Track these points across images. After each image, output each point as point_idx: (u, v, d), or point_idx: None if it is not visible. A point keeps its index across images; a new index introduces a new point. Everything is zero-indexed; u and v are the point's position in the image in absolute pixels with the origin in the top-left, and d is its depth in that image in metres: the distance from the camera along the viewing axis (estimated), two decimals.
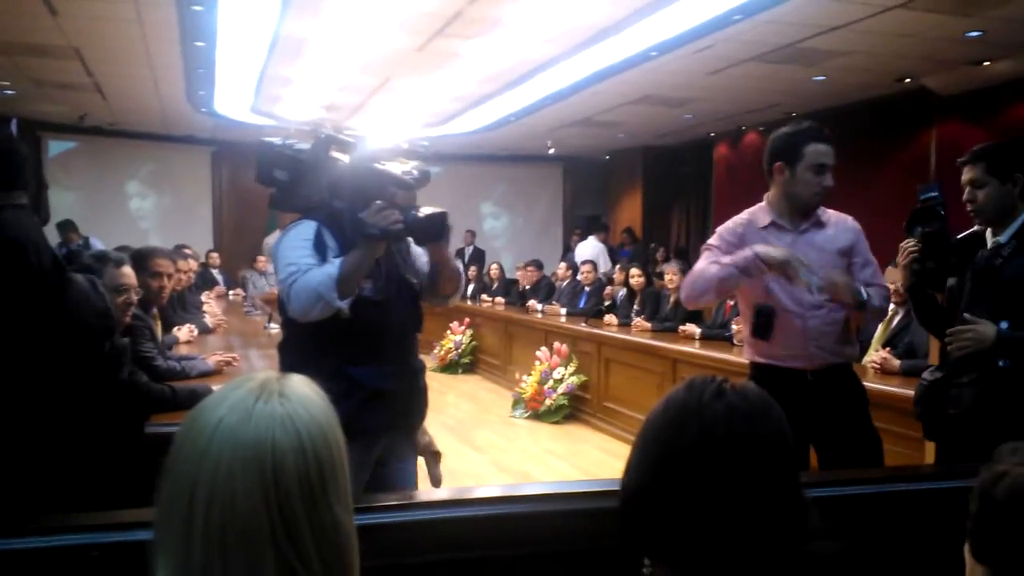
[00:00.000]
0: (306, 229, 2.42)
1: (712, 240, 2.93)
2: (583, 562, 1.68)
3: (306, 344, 2.41)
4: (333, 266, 2.32)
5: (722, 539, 1.00)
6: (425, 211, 2.40)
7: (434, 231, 2.42)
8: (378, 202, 2.33)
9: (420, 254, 2.65)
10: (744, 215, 2.91)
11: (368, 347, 2.42)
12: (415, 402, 2.59)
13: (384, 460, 2.53)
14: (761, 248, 2.67)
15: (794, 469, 1.05)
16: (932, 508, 1.93)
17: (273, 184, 2.49)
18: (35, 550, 1.45)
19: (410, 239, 2.54)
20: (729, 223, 2.93)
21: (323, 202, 2.47)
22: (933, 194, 2.73)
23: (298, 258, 2.36)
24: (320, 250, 2.39)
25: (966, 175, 2.66)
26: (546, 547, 1.71)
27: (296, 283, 2.32)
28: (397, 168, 2.45)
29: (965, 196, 2.67)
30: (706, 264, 2.80)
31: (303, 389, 0.97)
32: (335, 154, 2.51)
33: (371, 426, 2.40)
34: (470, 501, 1.79)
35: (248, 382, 0.96)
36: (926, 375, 2.77)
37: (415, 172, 2.47)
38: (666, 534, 1.03)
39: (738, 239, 2.83)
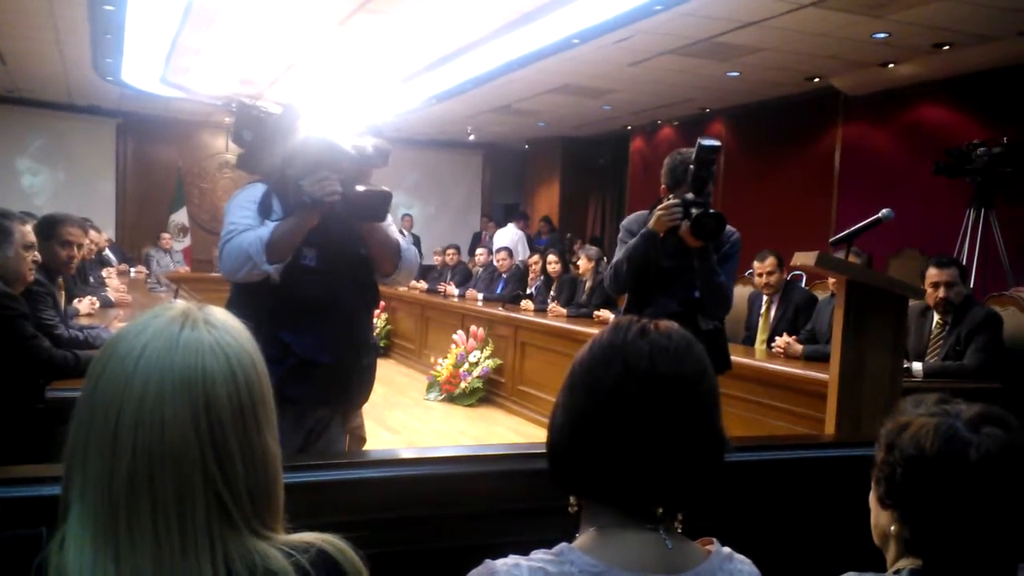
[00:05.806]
0: (254, 191, 2.42)
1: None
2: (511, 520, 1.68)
3: (248, 306, 2.33)
4: (267, 229, 2.30)
5: (646, 473, 1.02)
6: (367, 188, 2.35)
7: (372, 210, 2.38)
8: (324, 172, 2.28)
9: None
10: None
11: (306, 316, 2.38)
12: (356, 380, 2.53)
13: (315, 434, 2.48)
14: None
15: (715, 405, 1.07)
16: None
17: (241, 144, 2.45)
18: None
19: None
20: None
21: (278, 167, 2.43)
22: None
23: (239, 218, 2.36)
24: (265, 214, 2.37)
25: None
26: (470, 507, 1.71)
27: (230, 242, 2.31)
28: (349, 142, 2.41)
29: None
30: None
31: (227, 318, 0.94)
32: (302, 123, 2.45)
33: (300, 396, 2.35)
34: (396, 461, 1.78)
35: (168, 311, 0.92)
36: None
37: (368, 148, 2.44)
38: (593, 470, 1.04)
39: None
